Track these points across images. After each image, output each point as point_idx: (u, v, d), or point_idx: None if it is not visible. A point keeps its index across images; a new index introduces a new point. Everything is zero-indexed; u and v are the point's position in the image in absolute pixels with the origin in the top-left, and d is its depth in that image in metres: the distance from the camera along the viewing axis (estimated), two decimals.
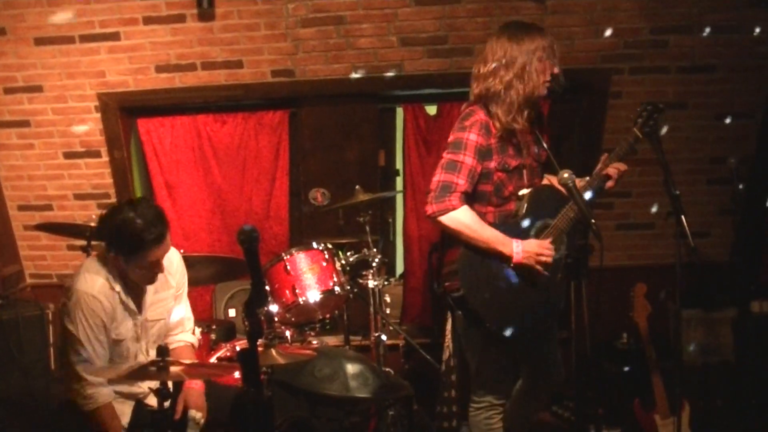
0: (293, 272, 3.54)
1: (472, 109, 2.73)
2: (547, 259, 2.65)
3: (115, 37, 4.04)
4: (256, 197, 4.51)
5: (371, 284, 3.69)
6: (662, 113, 2.73)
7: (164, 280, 2.85)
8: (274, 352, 2.56)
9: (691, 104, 4.16)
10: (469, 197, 2.69)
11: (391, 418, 3.40)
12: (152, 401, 2.67)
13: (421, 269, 4.53)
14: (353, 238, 3.97)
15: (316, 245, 3.65)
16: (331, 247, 3.70)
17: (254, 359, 1.98)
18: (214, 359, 3.46)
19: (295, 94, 4.23)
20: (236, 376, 3.12)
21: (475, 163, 2.66)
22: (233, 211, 4.52)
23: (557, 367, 2.93)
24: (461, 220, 2.64)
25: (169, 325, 2.97)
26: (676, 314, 3.75)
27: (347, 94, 4.24)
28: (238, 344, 3.54)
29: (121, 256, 2.59)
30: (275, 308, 3.54)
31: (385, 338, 3.70)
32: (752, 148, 4.24)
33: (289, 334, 3.63)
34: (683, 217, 2.62)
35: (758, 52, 4.02)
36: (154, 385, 2.45)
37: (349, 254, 3.73)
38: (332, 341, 4.34)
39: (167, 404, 2.45)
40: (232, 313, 4.47)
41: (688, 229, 2.61)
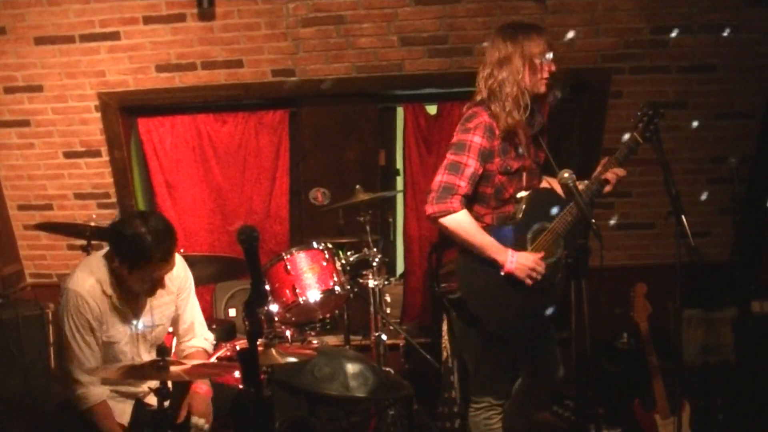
0: (293, 272, 3.54)
1: (474, 110, 2.73)
2: (537, 276, 2.67)
3: (115, 36, 4.04)
4: (256, 197, 4.51)
5: (371, 284, 3.69)
6: (662, 117, 2.73)
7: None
8: (274, 351, 2.56)
9: (691, 104, 4.16)
10: (468, 198, 2.69)
11: (391, 418, 3.41)
12: (152, 401, 2.66)
13: (421, 269, 4.53)
14: (353, 237, 3.96)
15: (316, 245, 3.65)
16: (331, 246, 3.70)
17: (254, 359, 1.97)
18: (214, 359, 3.46)
19: (295, 93, 4.23)
20: (236, 375, 3.11)
21: (477, 166, 2.67)
22: (233, 210, 4.52)
23: (556, 366, 2.94)
24: (460, 223, 2.65)
25: (179, 331, 2.97)
26: (676, 314, 3.75)
27: (347, 93, 4.24)
28: (238, 344, 3.54)
29: (126, 265, 2.60)
30: (275, 308, 3.54)
31: (385, 338, 3.70)
32: (752, 148, 4.24)
33: (289, 333, 3.62)
34: (683, 216, 2.62)
35: (758, 52, 4.02)
36: (154, 384, 2.46)
37: (349, 254, 3.73)
38: (332, 341, 4.34)
39: (167, 404, 2.46)
40: (232, 312, 4.47)
41: (688, 228, 2.61)
